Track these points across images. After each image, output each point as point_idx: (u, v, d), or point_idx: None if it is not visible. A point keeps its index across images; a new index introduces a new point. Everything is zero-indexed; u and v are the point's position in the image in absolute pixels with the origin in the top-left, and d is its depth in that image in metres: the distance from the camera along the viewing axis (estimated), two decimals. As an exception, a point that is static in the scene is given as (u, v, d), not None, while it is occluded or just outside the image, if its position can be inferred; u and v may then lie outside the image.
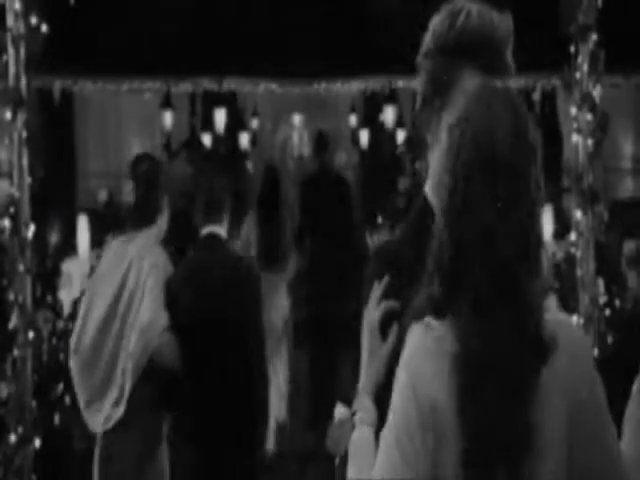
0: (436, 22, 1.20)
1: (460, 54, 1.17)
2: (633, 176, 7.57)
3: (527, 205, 0.98)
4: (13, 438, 2.20)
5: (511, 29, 1.21)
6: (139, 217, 2.52)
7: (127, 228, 2.56)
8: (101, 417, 2.41)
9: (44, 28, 2.32)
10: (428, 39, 1.20)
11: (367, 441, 1.03)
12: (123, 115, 8.12)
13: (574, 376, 0.99)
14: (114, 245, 2.55)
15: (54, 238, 6.08)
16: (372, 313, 1.11)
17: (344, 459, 1.06)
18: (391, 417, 0.97)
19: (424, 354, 0.97)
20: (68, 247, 5.68)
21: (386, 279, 1.11)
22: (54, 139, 7.36)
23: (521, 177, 0.98)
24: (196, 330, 2.52)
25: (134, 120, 8.09)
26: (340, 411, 1.15)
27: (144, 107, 7.71)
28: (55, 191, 6.82)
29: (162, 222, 2.56)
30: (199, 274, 2.64)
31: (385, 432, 0.98)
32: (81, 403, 2.48)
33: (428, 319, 0.98)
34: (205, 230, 2.66)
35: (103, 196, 7.67)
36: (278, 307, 3.82)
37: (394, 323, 1.08)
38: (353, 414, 1.09)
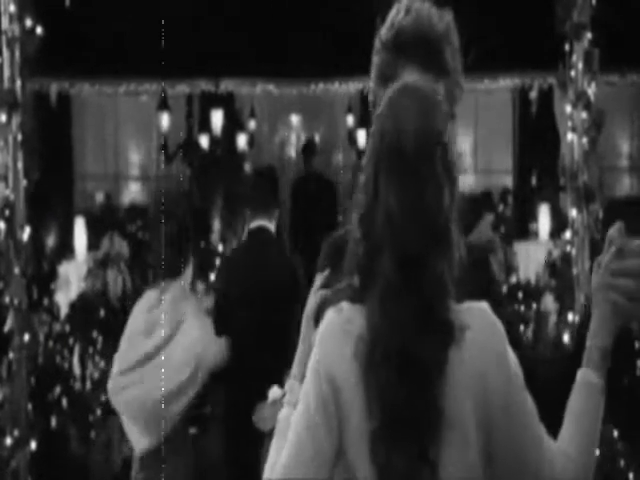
0: (387, 19, 1.21)
1: (398, 51, 1.19)
2: (630, 174, 7.57)
3: (433, 193, 0.99)
4: (9, 441, 2.19)
5: (450, 28, 1.21)
6: (169, 270, 2.63)
7: (157, 279, 2.71)
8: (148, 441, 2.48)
9: (39, 30, 2.31)
10: (379, 35, 1.21)
11: (288, 420, 1.05)
12: (120, 117, 8.11)
13: (484, 364, 0.98)
14: (148, 295, 2.68)
15: (51, 240, 6.08)
16: (310, 302, 1.16)
17: (271, 436, 1.09)
18: (301, 394, 1.01)
19: (332, 335, 1.00)
20: (65, 249, 5.68)
21: (327, 270, 1.17)
22: (51, 141, 7.36)
23: (426, 168, 1.00)
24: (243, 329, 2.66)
25: (131, 122, 8.09)
26: (274, 392, 1.21)
27: (141, 109, 7.71)
28: (52, 193, 6.82)
29: (189, 270, 2.67)
30: (249, 271, 2.81)
31: (297, 408, 1.01)
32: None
33: (342, 303, 1.02)
34: (254, 224, 2.86)
35: (100, 198, 7.67)
36: None
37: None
38: (283, 395, 1.13)
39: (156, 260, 2.63)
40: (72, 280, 4.84)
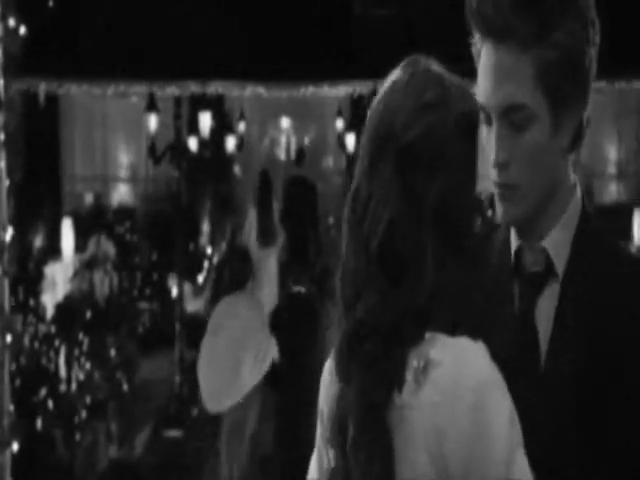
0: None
1: None
2: (617, 181, 7.62)
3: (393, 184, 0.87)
4: (-10, 443, 2.17)
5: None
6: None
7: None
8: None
9: (22, 30, 2.30)
10: None
11: None
12: (109, 118, 8.08)
13: (444, 414, 0.82)
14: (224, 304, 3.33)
15: (39, 241, 6.04)
16: None
17: None
18: None
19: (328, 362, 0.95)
20: (53, 250, 5.64)
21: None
22: (39, 142, 7.32)
23: (376, 171, 0.88)
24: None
25: (120, 123, 8.06)
26: None
27: (130, 110, 7.68)
28: (41, 194, 6.78)
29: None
30: None
31: None
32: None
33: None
34: None
35: (89, 199, 7.63)
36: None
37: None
38: None
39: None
40: (59, 281, 4.81)
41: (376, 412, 0.84)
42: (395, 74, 0.92)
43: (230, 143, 7.17)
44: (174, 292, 5.06)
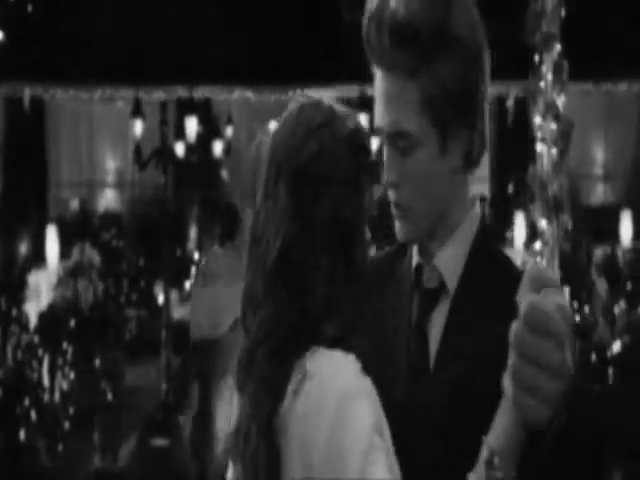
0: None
1: None
2: (604, 182, 7.64)
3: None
4: (-32, 458, 2.12)
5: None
6: None
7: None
8: None
9: (0, 35, 2.25)
10: None
11: None
12: (95, 123, 8.03)
13: (310, 426, 0.86)
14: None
15: (23, 249, 5.97)
16: None
17: None
18: None
19: None
20: (37, 258, 5.59)
21: None
22: (25, 148, 7.26)
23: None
24: None
25: (107, 128, 8.01)
26: None
27: (117, 115, 7.63)
28: (26, 200, 6.71)
29: None
30: None
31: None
32: None
33: None
34: None
35: (75, 205, 7.56)
36: None
37: None
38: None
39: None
40: (43, 289, 4.76)
41: (263, 423, 0.89)
42: (287, 109, 1.02)
43: (218, 148, 7.14)
44: (160, 299, 5.02)
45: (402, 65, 0.95)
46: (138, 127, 5.18)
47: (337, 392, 0.86)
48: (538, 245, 2.74)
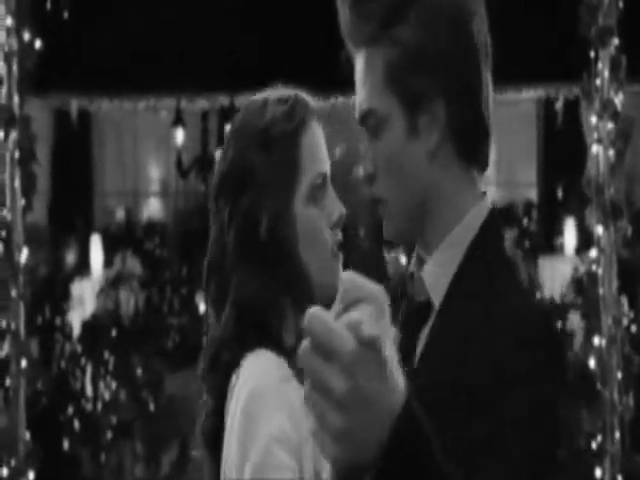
0: None
1: None
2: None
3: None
4: (5, 472, 2.10)
5: None
6: None
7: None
8: None
9: (38, 44, 2.24)
10: None
11: None
12: (139, 133, 8.12)
13: (230, 425, 0.95)
14: None
15: (69, 259, 6.05)
16: None
17: None
18: None
19: None
20: (81, 267, 5.65)
21: None
22: (71, 158, 7.38)
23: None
24: None
25: (151, 138, 8.09)
26: None
27: (160, 125, 7.70)
28: (72, 211, 6.81)
29: None
30: None
31: None
32: None
33: None
34: None
35: (121, 215, 7.65)
36: None
37: None
38: None
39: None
40: (86, 299, 4.79)
41: (211, 420, 0.97)
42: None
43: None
44: (202, 307, 5.01)
45: (366, 35, 0.88)
46: (180, 136, 5.19)
47: (248, 391, 0.92)
48: (594, 252, 2.58)
